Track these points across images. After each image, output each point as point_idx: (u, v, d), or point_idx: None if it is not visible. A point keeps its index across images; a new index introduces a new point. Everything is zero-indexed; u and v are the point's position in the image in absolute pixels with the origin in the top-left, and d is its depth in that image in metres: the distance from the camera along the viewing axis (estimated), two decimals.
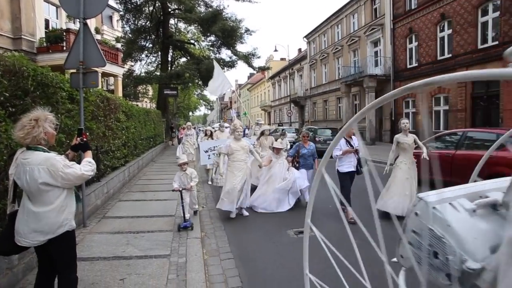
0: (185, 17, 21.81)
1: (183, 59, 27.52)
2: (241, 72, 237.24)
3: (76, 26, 12.89)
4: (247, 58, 23.69)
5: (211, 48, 25.96)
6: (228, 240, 4.69)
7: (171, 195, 6.17)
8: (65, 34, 13.74)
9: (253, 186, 6.69)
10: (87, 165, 2.41)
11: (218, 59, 23.24)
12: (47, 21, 15.19)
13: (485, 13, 13.67)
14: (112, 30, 29.19)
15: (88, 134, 5.64)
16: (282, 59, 44.02)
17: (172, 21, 25.10)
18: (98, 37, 15.30)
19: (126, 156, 8.82)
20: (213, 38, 24.42)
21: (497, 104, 13.11)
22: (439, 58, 16.17)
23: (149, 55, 26.33)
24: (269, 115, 46.94)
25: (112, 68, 16.48)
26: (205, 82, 21.39)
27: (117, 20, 28.36)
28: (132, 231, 4.78)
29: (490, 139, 6.84)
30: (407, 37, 18.40)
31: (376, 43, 21.59)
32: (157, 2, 22.62)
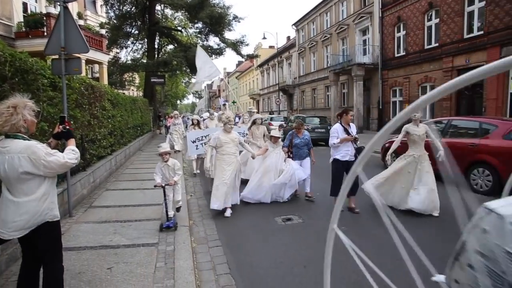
0: (171, 2, 21.28)
1: (170, 47, 27.00)
2: (230, 60, 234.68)
3: (57, 10, 12.40)
4: (236, 45, 23.38)
5: (199, 35, 25.53)
6: (216, 228, 4.71)
7: None
8: (45, 18, 13.20)
9: (243, 179, 6.26)
10: (70, 153, 2.35)
11: (206, 46, 22.88)
12: (25, 4, 14.57)
13: (472, 2, 13.78)
14: (96, 15, 28.30)
15: (72, 122, 5.52)
16: (270, 47, 43.62)
17: (158, 7, 24.45)
18: (81, 23, 14.80)
19: (112, 145, 8.68)
20: (200, 25, 24.01)
21: (481, 93, 13.39)
22: (426, 47, 16.31)
23: (135, 42, 25.73)
24: (258, 103, 46.75)
25: (96, 55, 16.03)
26: (193, 70, 21.02)
27: (101, 5, 27.50)
28: (119, 220, 4.74)
29: (473, 127, 7.01)
30: (395, 25, 18.46)
31: (364, 31, 21.59)
32: None
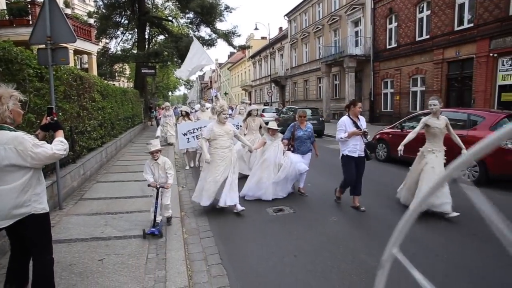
0: None
1: (161, 37, 26.61)
2: (221, 51, 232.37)
3: None
4: (227, 36, 23.14)
5: (190, 25, 25.18)
6: (207, 219, 4.73)
7: None
8: (30, 6, 12.82)
9: (241, 175, 6.01)
10: (58, 145, 2.32)
11: (197, 37, 22.53)
12: None
13: None
14: (83, 4, 27.54)
15: (60, 114, 5.42)
16: (263, 38, 43.27)
17: None
18: (68, 11, 14.43)
19: (103, 137, 8.57)
20: (191, 15, 23.63)
21: (470, 85, 13.57)
22: (417, 39, 16.39)
23: (125, 32, 25.25)
24: (250, 94, 46.58)
25: (85, 45, 15.69)
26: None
27: None
28: (110, 212, 4.72)
29: (462, 119, 7.12)
30: (387, 17, 18.47)
31: (356, 23, 21.56)
32: None
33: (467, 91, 13.86)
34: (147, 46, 24.49)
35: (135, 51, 23.04)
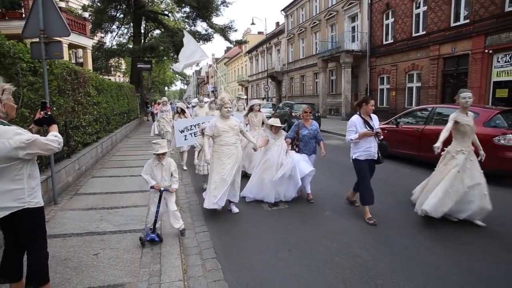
0: None
1: (157, 31, 26.34)
2: (218, 46, 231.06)
3: None
4: (224, 31, 23.00)
5: (186, 20, 24.96)
6: (202, 213, 4.74)
7: None
8: None
9: (243, 173, 5.66)
10: (52, 138, 2.31)
11: (193, 31, 22.43)
12: None
13: None
14: None
15: (54, 108, 5.39)
16: (259, 33, 43.13)
17: None
18: (62, 5, 14.27)
19: (98, 132, 8.54)
20: (188, 9, 23.44)
21: (465, 81, 13.63)
22: (414, 35, 16.41)
23: (120, 26, 24.98)
24: (247, 90, 46.47)
25: (79, 39, 15.55)
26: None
27: None
28: (106, 207, 4.73)
29: None
30: (384, 13, 18.45)
31: (353, 18, 21.52)
32: None
33: (463, 87, 13.79)
34: (143, 40, 24.28)
35: (131, 46, 22.82)
